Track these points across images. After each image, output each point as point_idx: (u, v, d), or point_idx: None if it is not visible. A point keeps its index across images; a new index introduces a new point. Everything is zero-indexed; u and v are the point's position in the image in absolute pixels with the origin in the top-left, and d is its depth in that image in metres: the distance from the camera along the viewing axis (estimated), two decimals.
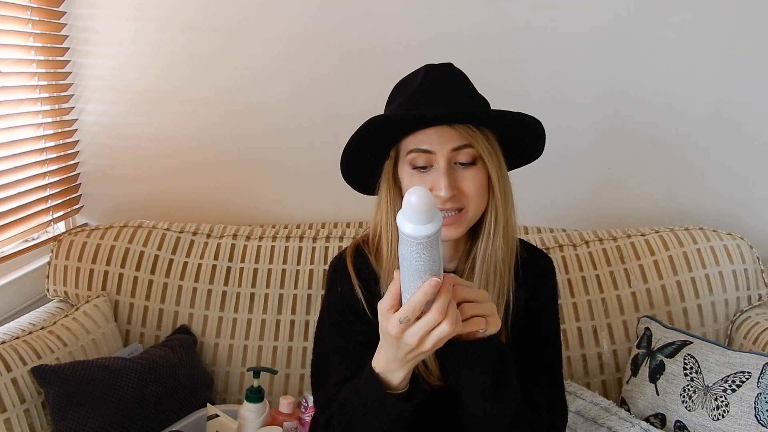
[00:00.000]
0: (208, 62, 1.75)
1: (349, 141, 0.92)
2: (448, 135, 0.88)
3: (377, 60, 1.71)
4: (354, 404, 0.83)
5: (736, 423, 1.19)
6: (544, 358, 1.02)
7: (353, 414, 0.83)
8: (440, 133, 0.89)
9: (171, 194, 1.83)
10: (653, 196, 1.81)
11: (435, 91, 0.92)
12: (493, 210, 0.93)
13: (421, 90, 0.91)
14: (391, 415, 0.80)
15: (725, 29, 1.70)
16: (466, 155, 0.89)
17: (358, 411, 0.82)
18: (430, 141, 0.89)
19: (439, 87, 0.92)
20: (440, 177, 0.88)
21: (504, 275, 0.95)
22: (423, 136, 0.89)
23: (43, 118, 1.65)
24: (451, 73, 0.95)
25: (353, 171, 0.99)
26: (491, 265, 0.94)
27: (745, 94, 1.73)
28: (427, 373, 0.95)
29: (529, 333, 1.00)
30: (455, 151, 0.89)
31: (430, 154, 0.89)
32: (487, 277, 0.94)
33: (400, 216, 0.69)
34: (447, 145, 0.88)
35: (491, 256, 0.94)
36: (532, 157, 1.01)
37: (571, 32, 1.71)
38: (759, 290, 1.55)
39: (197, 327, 1.53)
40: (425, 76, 0.93)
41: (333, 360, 0.99)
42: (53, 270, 1.53)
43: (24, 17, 1.58)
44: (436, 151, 0.89)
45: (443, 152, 0.89)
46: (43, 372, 1.18)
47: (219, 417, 1.27)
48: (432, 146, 0.89)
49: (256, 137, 1.79)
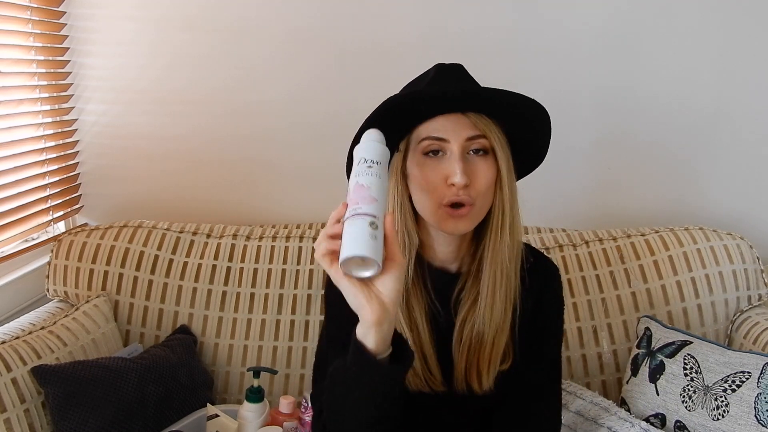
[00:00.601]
0: (208, 62, 1.75)
1: (363, 125, 0.90)
2: (463, 124, 0.88)
3: (377, 59, 1.71)
4: (337, 372, 0.80)
5: (736, 423, 1.18)
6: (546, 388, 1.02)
7: (337, 384, 0.80)
8: (455, 122, 0.88)
9: (171, 194, 1.83)
10: (653, 196, 1.81)
11: (449, 82, 0.91)
12: (500, 206, 0.92)
13: (435, 82, 0.91)
14: (371, 381, 0.76)
15: (726, 29, 1.70)
16: (480, 145, 0.89)
17: (340, 380, 0.79)
18: (445, 129, 0.88)
19: (452, 79, 0.92)
20: (455, 163, 0.87)
21: (511, 276, 0.94)
22: (436, 124, 0.89)
23: (43, 118, 1.65)
24: (462, 72, 0.95)
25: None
26: (498, 263, 0.93)
27: (745, 94, 1.73)
28: (430, 378, 0.94)
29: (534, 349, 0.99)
30: (469, 140, 0.88)
31: (444, 142, 0.89)
32: (495, 277, 0.93)
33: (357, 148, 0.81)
34: (462, 134, 0.88)
35: (498, 254, 0.93)
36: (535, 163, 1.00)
37: (571, 31, 1.71)
38: (759, 290, 1.55)
39: (197, 327, 1.53)
40: (437, 72, 0.93)
41: (331, 353, 0.98)
42: (53, 270, 1.53)
43: (24, 17, 1.58)
44: (451, 138, 0.88)
45: (458, 140, 0.88)
46: (43, 372, 1.18)
47: (219, 417, 1.27)
48: (447, 134, 0.88)
49: (255, 136, 1.79)
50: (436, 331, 0.95)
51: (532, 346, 0.99)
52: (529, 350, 0.98)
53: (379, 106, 0.89)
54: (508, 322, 0.95)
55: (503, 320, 0.94)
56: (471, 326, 0.94)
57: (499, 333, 0.94)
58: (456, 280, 0.98)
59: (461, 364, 0.95)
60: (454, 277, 0.98)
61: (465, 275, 0.97)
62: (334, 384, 0.80)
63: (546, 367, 1.02)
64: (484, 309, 0.93)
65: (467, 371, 0.95)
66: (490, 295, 0.93)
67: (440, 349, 0.96)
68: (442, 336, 0.96)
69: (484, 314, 0.93)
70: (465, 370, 0.95)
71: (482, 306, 0.94)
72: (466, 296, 0.96)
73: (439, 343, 0.96)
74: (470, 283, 0.96)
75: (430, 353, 0.95)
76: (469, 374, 0.95)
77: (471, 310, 0.95)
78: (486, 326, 0.94)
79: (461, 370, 0.95)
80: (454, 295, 0.97)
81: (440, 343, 0.96)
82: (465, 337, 0.95)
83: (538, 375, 1.01)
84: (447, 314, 0.97)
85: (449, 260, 0.98)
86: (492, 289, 0.93)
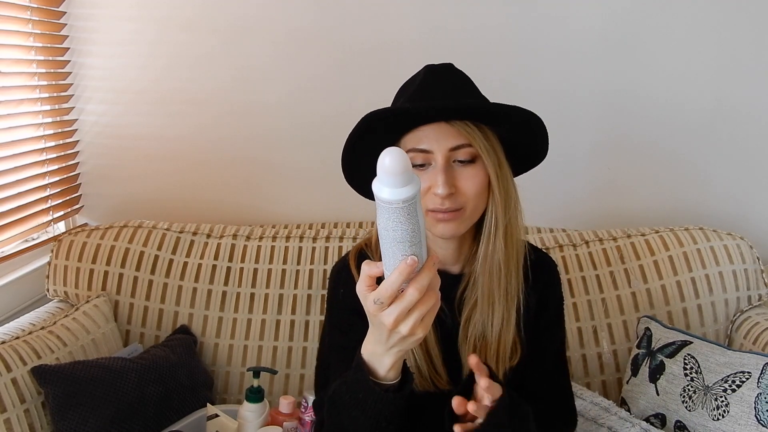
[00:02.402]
0: (208, 62, 1.75)
1: (347, 140, 0.91)
2: (447, 133, 0.88)
3: (377, 59, 1.71)
4: (341, 395, 0.80)
5: (736, 423, 1.18)
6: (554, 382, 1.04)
7: (340, 405, 0.80)
8: (438, 132, 0.88)
9: (171, 194, 1.82)
10: (653, 196, 1.81)
11: (434, 89, 0.91)
12: (492, 210, 0.92)
13: (421, 88, 0.91)
14: (375, 408, 0.76)
15: (726, 28, 1.70)
16: (465, 154, 0.89)
17: (344, 402, 0.79)
18: (428, 139, 0.88)
19: (438, 85, 0.92)
20: (437, 175, 0.87)
21: (510, 277, 0.95)
22: (421, 134, 0.89)
23: (43, 118, 1.65)
24: (451, 73, 0.95)
25: (355, 173, 0.98)
26: (494, 266, 0.93)
27: (745, 94, 1.73)
28: (435, 376, 0.95)
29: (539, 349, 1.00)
30: (453, 150, 0.88)
31: (428, 153, 0.89)
32: (490, 278, 0.94)
33: (375, 182, 0.64)
34: (445, 144, 0.88)
35: (492, 257, 0.93)
36: (537, 159, 1.00)
37: (571, 31, 1.71)
38: (759, 290, 1.55)
39: (197, 327, 1.53)
40: (425, 76, 0.93)
41: (334, 360, 0.98)
42: (53, 270, 1.53)
43: (24, 17, 1.58)
44: (434, 149, 0.88)
45: (441, 150, 0.88)
46: (43, 372, 1.18)
47: (219, 417, 1.27)
48: (430, 145, 0.88)
49: (255, 137, 1.79)
50: (441, 332, 0.96)
51: (539, 342, 1.00)
52: (536, 346, 0.99)
53: (359, 122, 0.88)
54: (512, 320, 0.95)
55: (507, 318, 0.95)
56: (475, 325, 0.95)
57: (504, 331, 0.95)
58: (458, 281, 0.99)
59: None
60: (456, 278, 0.99)
61: (467, 276, 0.98)
62: (336, 404, 0.81)
63: (553, 360, 1.04)
64: (486, 309, 0.94)
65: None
66: (488, 297, 0.94)
67: (446, 348, 0.96)
68: (447, 336, 0.97)
69: (486, 314, 0.94)
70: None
71: (482, 306, 0.95)
72: (469, 296, 0.97)
73: (445, 343, 0.96)
74: (472, 284, 0.97)
75: (436, 353, 0.95)
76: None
77: (474, 310, 0.96)
78: (489, 325, 0.95)
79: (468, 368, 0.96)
80: (457, 296, 0.98)
81: (446, 343, 0.96)
82: (470, 336, 0.96)
83: (546, 370, 1.02)
84: (452, 314, 0.97)
85: (450, 262, 0.99)
86: (488, 291, 0.94)
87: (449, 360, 0.96)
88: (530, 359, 0.98)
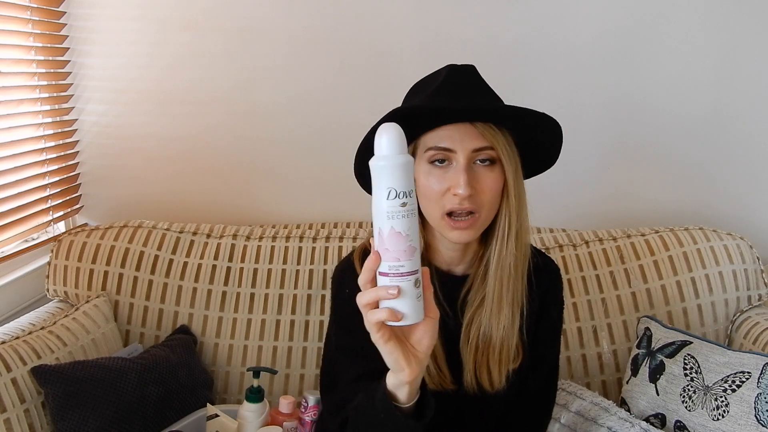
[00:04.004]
0: (209, 63, 1.75)
1: (367, 135, 0.89)
2: (470, 134, 0.88)
3: (379, 63, 1.71)
4: (365, 412, 0.80)
5: (736, 423, 1.18)
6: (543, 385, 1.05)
7: (360, 423, 0.82)
8: (462, 132, 0.88)
9: (171, 194, 1.83)
10: (653, 196, 1.81)
11: (459, 88, 0.91)
12: (506, 214, 0.92)
13: (445, 86, 0.90)
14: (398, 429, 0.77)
15: (726, 31, 1.70)
16: (486, 156, 0.89)
17: (367, 422, 0.80)
18: (452, 139, 0.88)
19: (461, 86, 0.91)
20: (460, 174, 0.87)
21: (518, 281, 0.95)
22: (444, 132, 0.89)
23: (43, 118, 1.65)
24: (474, 74, 0.94)
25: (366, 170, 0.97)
26: (505, 269, 0.93)
27: (745, 95, 1.74)
28: (440, 376, 0.95)
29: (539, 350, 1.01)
30: (476, 151, 0.88)
31: (451, 152, 0.88)
32: (501, 282, 0.94)
33: (372, 161, 0.68)
34: (469, 144, 0.87)
35: (504, 261, 0.93)
36: (546, 166, 1.00)
37: (572, 36, 1.71)
38: (759, 290, 1.55)
39: (197, 327, 1.53)
40: (448, 74, 0.92)
41: (342, 360, 0.98)
42: (53, 270, 1.53)
43: (24, 17, 1.58)
44: (457, 149, 0.88)
45: (464, 151, 0.88)
46: (42, 372, 1.18)
47: (219, 417, 1.27)
48: (453, 144, 0.88)
49: (256, 138, 1.79)
50: (444, 332, 0.96)
51: (537, 348, 1.01)
52: (534, 351, 1.00)
53: (384, 116, 0.87)
54: (516, 324, 0.95)
55: (511, 322, 0.95)
56: (477, 327, 0.96)
57: (508, 335, 0.95)
58: (462, 283, 0.99)
59: (469, 364, 0.97)
60: (460, 280, 0.99)
61: (471, 278, 0.98)
62: (359, 421, 0.82)
63: (547, 368, 1.05)
64: (491, 313, 0.95)
65: (477, 371, 0.96)
66: (497, 300, 0.94)
67: (449, 349, 0.97)
68: (450, 336, 0.97)
69: (490, 318, 0.95)
70: (474, 370, 0.96)
71: (488, 310, 0.95)
72: (473, 298, 0.97)
73: (448, 343, 0.96)
74: (476, 286, 0.97)
75: (440, 353, 0.96)
76: (479, 374, 0.96)
77: (477, 312, 0.96)
78: (493, 329, 0.95)
79: (470, 369, 0.97)
80: (460, 298, 0.98)
81: (449, 344, 0.97)
82: (472, 338, 0.96)
83: (540, 376, 1.03)
84: (455, 316, 0.98)
85: (455, 263, 0.99)
86: (498, 295, 0.94)
87: (452, 360, 0.96)
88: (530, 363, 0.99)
